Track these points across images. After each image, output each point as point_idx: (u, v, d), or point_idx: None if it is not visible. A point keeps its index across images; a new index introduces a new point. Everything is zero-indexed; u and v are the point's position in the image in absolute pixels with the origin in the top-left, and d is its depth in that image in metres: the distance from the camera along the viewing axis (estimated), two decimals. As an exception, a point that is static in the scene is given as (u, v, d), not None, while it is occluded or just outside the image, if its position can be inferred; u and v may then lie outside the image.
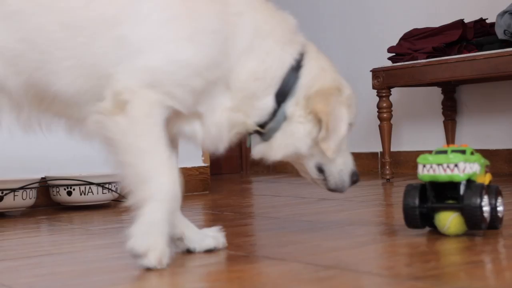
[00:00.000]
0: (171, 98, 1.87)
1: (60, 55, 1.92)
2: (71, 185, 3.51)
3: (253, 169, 6.36)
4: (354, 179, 2.15)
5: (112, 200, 3.66)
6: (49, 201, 3.63)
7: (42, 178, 3.59)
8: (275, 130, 2.04)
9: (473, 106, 4.69)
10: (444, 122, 4.77)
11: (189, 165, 4.12)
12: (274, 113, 2.02)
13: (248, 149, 2.51)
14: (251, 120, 2.01)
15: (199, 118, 1.97)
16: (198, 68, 1.88)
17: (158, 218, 1.81)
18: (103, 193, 3.55)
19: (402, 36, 4.49)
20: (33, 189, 3.46)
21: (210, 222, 2.88)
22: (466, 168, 2.03)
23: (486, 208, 2.03)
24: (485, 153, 2.38)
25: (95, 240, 2.46)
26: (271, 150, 2.06)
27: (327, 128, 2.00)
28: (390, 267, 1.70)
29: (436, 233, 2.11)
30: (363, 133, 5.27)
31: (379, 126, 4.45)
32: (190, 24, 1.88)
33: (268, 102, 2.01)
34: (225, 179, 5.57)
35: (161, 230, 1.81)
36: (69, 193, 3.51)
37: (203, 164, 4.22)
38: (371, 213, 2.86)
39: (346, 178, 2.13)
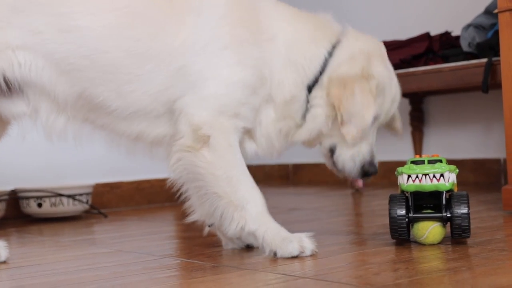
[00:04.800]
0: (240, 118, 2.03)
1: (126, 78, 2.02)
2: (41, 197, 3.49)
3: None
4: (367, 169, 2.18)
5: (83, 212, 3.64)
6: (19, 213, 3.60)
7: (12, 190, 3.57)
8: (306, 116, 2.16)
9: (440, 117, 4.75)
10: (411, 132, 4.82)
11: (160, 176, 4.12)
12: (307, 102, 2.14)
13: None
14: (298, 118, 2.14)
15: (248, 134, 2.12)
16: (252, 86, 2.03)
17: (273, 227, 2.02)
18: (73, 205, 3.53)
19: (371, 48, 4.54)
20: (2, 201, 3.43)
21: (181, 232, 2.88)
22: (450, 177, 2.06)
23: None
24: (451, 162, 2.42)
25: (66, 252, 2.46)
26: (299, 133, 2.17)
27: (339, 113, 2.06)
28: (359, 276, 1.72)
29: (405, 241, 2.14)
30: (332, 143, 5.30)
31: (348, 136, 4.47)
32: (238, 51, 2.03)
33: (302, 95, 2.13)
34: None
35: (283, 232, 2.01)
36: (39, 205, 3.49)
37: (173, 175, 4.21)
38: (341, 222, 2.88)
39: (354, 165, 2.17)
